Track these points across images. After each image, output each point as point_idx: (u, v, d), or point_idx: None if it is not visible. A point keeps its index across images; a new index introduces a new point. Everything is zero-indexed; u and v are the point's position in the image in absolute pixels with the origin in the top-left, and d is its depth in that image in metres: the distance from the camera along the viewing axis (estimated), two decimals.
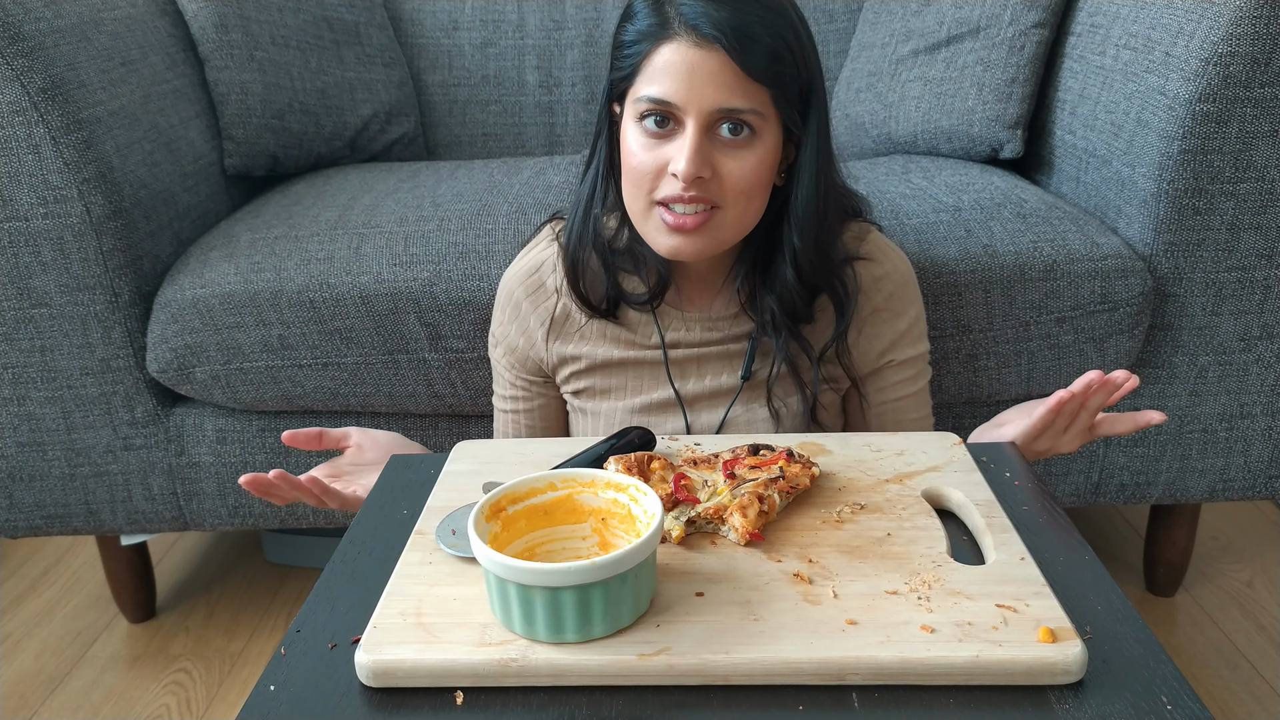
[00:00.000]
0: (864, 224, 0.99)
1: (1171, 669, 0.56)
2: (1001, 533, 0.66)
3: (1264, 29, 1.06)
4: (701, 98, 0.81)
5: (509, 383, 1.05)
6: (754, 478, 0.70)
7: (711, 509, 0.67)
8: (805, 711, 0.53)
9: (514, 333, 1.01)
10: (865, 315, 0.96)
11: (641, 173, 0.85)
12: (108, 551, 1.43)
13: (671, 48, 0.82)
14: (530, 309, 0.99)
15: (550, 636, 0.56)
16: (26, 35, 1.13)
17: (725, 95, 0.81)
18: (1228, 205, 1.15)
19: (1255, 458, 1.29)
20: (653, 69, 0.83)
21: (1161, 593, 1.48)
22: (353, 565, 0.68)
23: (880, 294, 0.96)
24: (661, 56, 0.82)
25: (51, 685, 1.36)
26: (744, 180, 0.84)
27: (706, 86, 0.81)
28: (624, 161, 0.88)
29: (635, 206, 0.88)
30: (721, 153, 0.84)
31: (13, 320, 1.20)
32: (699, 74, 0.81)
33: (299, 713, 0.54)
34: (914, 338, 0.99)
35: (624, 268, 0.97)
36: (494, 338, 1.04)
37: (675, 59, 0.82)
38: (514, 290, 1.00)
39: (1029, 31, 1.35)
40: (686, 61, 0.81)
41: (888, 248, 0.98)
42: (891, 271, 0.96)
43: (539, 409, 1.05)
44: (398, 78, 1.68)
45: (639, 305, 0.97)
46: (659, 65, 0.83)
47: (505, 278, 1.02)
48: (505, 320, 1.02)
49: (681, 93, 0.82)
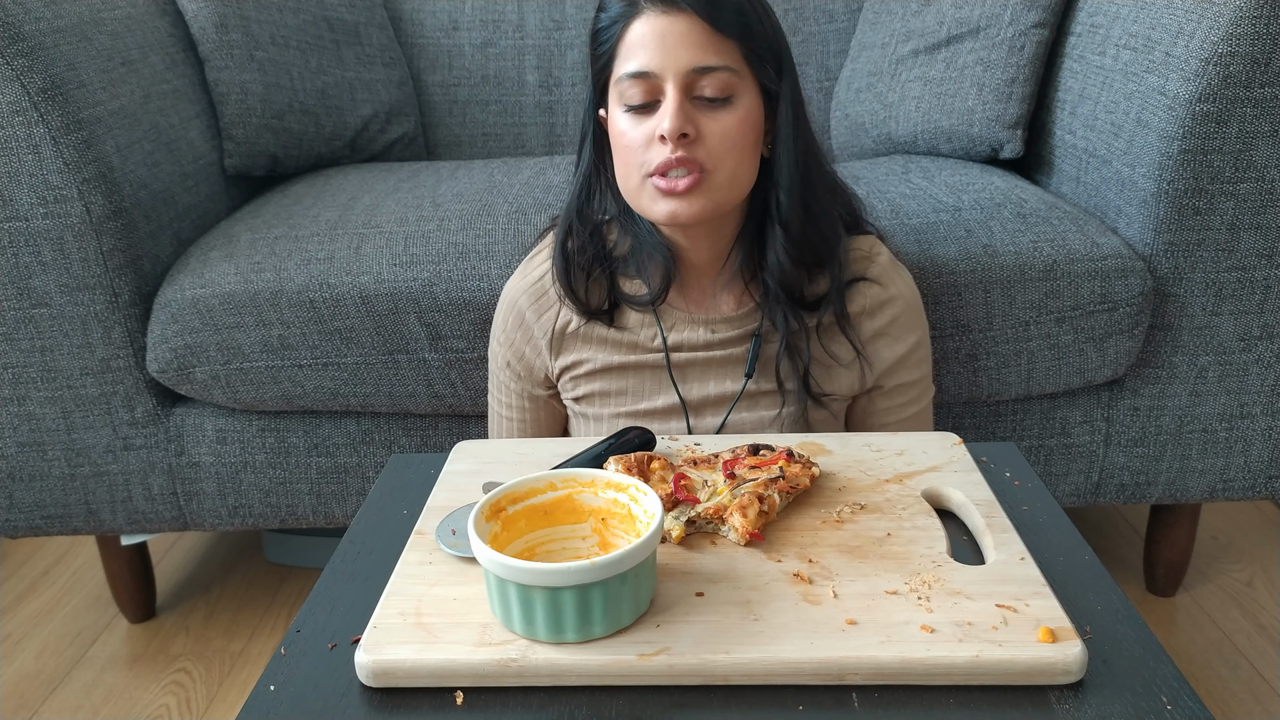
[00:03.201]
0: (874, 240, 0.99)
1: (1171, 669, 0.56)
2: (1001, 533, 0.66)
3: (1264, 29, 1.06)
4: (676, 60, 0.84)
5: (512, 392, 1.05)
6: (754, 478, 0.70)
7: (711, 509, 0.67)
8: (805, 711, 0.53)
9: (519, 340, 1.01)
10: (867, 338, 0.97)
11: (632, 149, 0.88)
12: (108, 551, 1.43)
13: (641, 21, 0.85)
14: (534, 318, 1.00)
15: (550, 636, 0.56)
16: (26, 35, 1.13)
17: (698, 54, 0.84)
18: (1228, 205, 1.15)
19: (1255, 458, 1.29)
20: (627, 47, 0.86)
21: (1161, 593, 1.48)
22: (353, 565, 0.68)
23: (884, 317, 0.97)
24: (633, 33, 0.86)
25: (51, 685, 1.36)
26: (727, 139, 0.86)
27: (679, 49, 0.84)
28: (615, 147, 0.90)
29: (629, 185, 0.90)
30: (704, 114, 0.86)
31: (13, 320, 1.20)
32: (670, 38, 0.84)
33: (299, 713, 0.54)
34: (915, 362, 0.99)
35: (626, 273, 0.97)
36: (495, 346, 1.05)
37: (646, 30, 0.85)
38: (517, 300, 1.01)
39: (1029, 31, 1.35)
40: (656, 30, 0.85)
41: (895, 272, 0.98)
42: (896, 296, 0.97)
43: (543, 419, 1.06)
44: (398, 78, 1.68)
45: (641, 306, 0.97)
46: (632, 41, 0.86)
47: (509, 289, 1.02)
48: (509, 329, 1.02)
49: (656, 59, 0.84)
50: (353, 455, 1.29)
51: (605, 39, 0.88)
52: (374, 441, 1.29)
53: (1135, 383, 1.26)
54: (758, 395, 0.97)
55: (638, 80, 0.86)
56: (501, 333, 1.03)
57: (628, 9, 0.86)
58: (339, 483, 1.31)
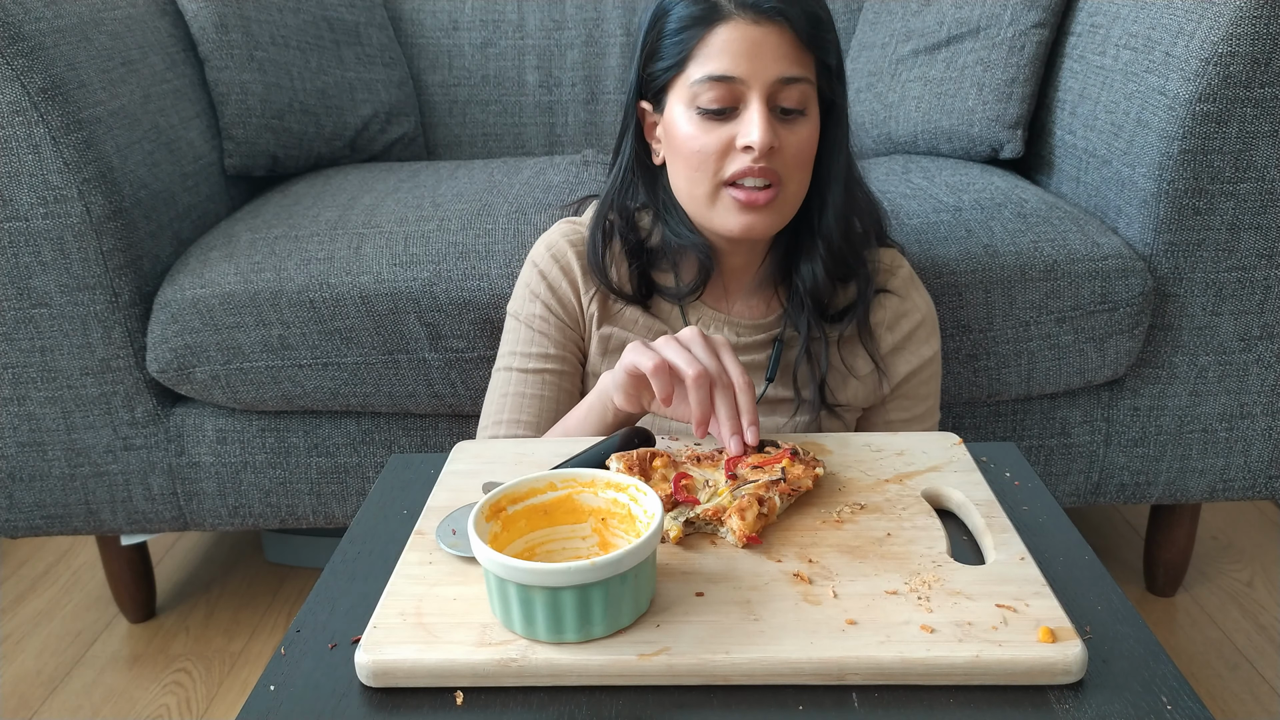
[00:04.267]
0: (895, 254, 1.00)
1: (1171, 669, 0.56)
2: (1001, 533, 0.66)
3: (1264, 29, 1.06)
4: (766, 69, 0.84)
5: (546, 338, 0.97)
6: (755, 479, 0.70)
7: (710, 510, 0.67)
8: (805, 711, 0.53)
9: (556, 272, 0.97)
10: (886, 351, 0.97)
11: (705, 155, 0.86)
12: (108, 551, 1.43)
13: (729, 27, 0.84)
14: (575, 258, 0.97)
15: (550, 636, 0.56)
16: (26, 35, 1.13)
17: (785, 65, 0.84)
18: (1228, 205, 1.15)
19: (1255, 458, 1.29)
20: (709, 50, 0.85)
21: (1161, 593, 1.48)
22: (353, 565, 0.68)
23: (901, 330, 0.98)
24: (719, 37, 0.84)
25: (51, 685, 1.36)
26: (802, 153, 0.87)
27: (769, 59, 0.84)
28: (679, 149, 0.88)
29: (699, 191, 0.88)
30: (782, 125, 0.86)
31: (13, 320, 1.20)
32: (763, 47, 0.84)
33: (299, 713, 0.54)
34: (926, 378, 1.00)
35: (659, 266, 0.97)
36: (530, 288, 0.98)
37: (735, 35, 0.84)
38: (556, 240, 0.98)
39: (1029, 31, 1.35)
40: (747, 38, 0.84)
41: (915, 288, 0.99)
42: (911, 310, 0.98)
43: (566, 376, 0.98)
44: (398, 78, 1.68)
45: (672, 299, 0.97)
46: (717, 45, 0.85)
47: (551, 234, 0.99)
48: (550, 261, 0.97)
49: (745, 66, 0.84)
50: (353, 455, 1.29)
51: (679, 39, 0.86)
52: (374, 441, 1.29)
53: (1135, 383, 1.26)
54: (775, 401, 0.97)
55: (719, 84, 0.84)
56: (541, 273, 0.97)
57: (710, 13, 0.85)
58: (339, 483, 1.31)
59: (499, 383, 0.99)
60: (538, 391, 0.97)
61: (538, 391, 0.97)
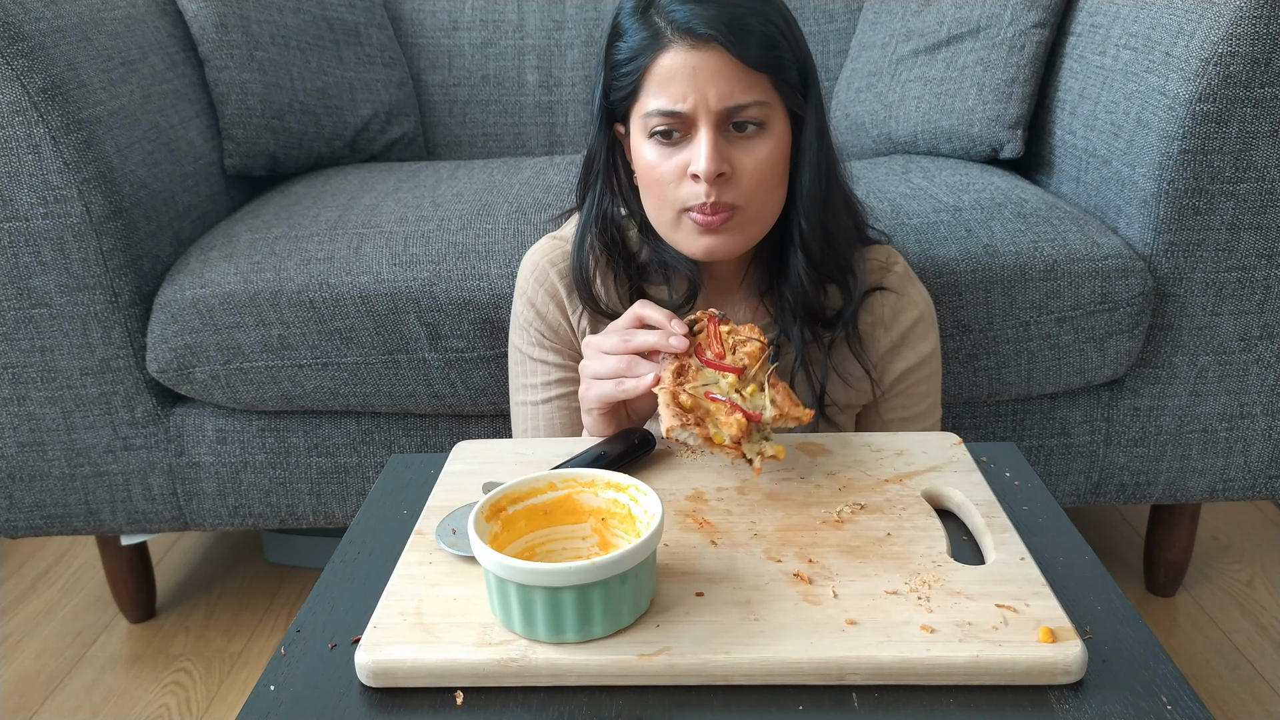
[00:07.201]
0: (889, 249, 0.99)
1: (1171, 669, 0.56)
2: (1001, 533, 0.66)
3: (1264, 29, 1.06)
4: (708, 98, 0.82)
5: (547, 365, 0.99)
6: (741, 357, 0.76)
7: (774, 415, 0.73)
8: (805, 711, 0.53)
9: (541, 298, 0.97)
10: (883, 349, 0.97)
11: (664, 182, 0.86)
12: (108, 551, 1.43)
13: (669, 56, 0.83)
14: (558, 278, 0.97)
15: (550, 636, 0.56)
16: (26, 35, 1.13)
17: (730, 91, 0.82)
18: (1228, 205, 1.15)
19: (1255, 458, 1.29)
20: (654, 81, 0.84)
21: (1161, 593, 1.48)
22: (353, 565, 0.68)
23: (898, 327, 0.97)
24: (661, 67, 0.83)
25: (51, 685, 1.36)
26: (759, 173, 0.85)
27: (710, 86, 0.82)
28: (643, 177, 0.88)
29: (663, 217, 0.89)
30: (736, 148, 0.84)
31: (13, 320, 1.20)
32: (701, 74, 0.82)
33: (299, 713, 0.54)
34: (925, 375, 1.00)
35: (651, 280, 0.97)
36: (522, 319, 0.99)
37: (675, 64, 0.82)
38: (538, 261, 0.98)
39: (1029, 31, 1.35)
40: (686, 65, 0.82)
41: (911, 283, 0.98)
42: (908, 305, 0.97)
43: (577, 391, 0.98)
44: (398, 78, 1.68)
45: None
46: (660, 76, 0.83)
47: (533, 255, 0.99)
48: (535, 286, 0.98)
49: (689, 97, 0.82)
50: (353, 455, 1.29)
51: (628, 70, 0.85)
52: (374, 441, 1.29)
53: (1135, 383, 1.26)
54: None
55: (668, 117, 0.84)
56: (529, 294, 0.98)
57: (652, 40, 0.83)
58: (339, 483, 1.31)
59: (519, 418, 1.02)
60: (551, 420, 1.00)
61: (551, 420, 1.00)
